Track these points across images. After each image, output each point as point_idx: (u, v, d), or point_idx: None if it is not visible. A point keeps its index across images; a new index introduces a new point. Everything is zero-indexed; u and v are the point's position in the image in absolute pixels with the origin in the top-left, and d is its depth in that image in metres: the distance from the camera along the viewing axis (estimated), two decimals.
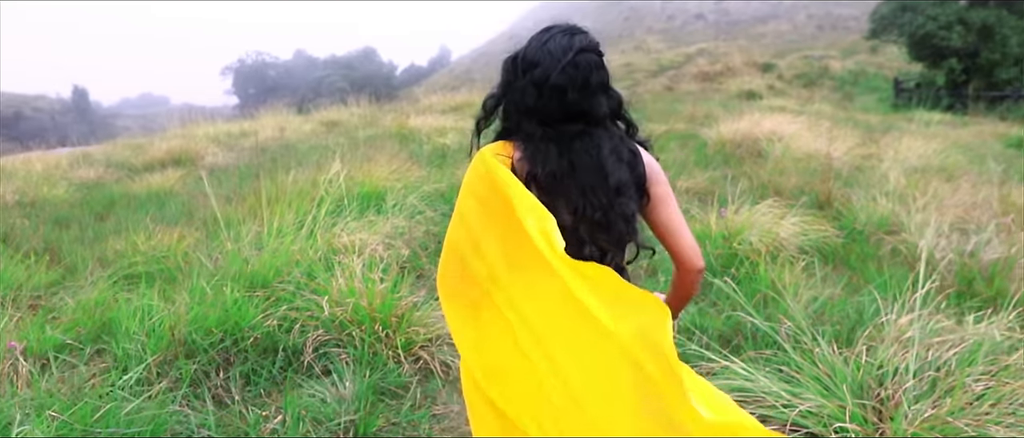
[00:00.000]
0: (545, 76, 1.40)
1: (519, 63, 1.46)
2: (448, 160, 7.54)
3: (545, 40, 1.44)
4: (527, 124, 1.44)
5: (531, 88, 1.42)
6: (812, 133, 8.19)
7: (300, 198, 5.18)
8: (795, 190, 5.98)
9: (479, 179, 1.45)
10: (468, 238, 1.46)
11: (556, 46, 1.42)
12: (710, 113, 12.50)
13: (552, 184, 1.42)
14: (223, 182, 7.53)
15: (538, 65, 1.42)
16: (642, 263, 4.31)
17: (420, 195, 5.30)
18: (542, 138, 1.42)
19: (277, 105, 20.94)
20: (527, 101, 1.43)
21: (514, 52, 1.49)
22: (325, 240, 3.98)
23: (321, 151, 9.36)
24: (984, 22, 18.57)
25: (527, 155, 1.43)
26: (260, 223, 4.82)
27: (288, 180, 5.98)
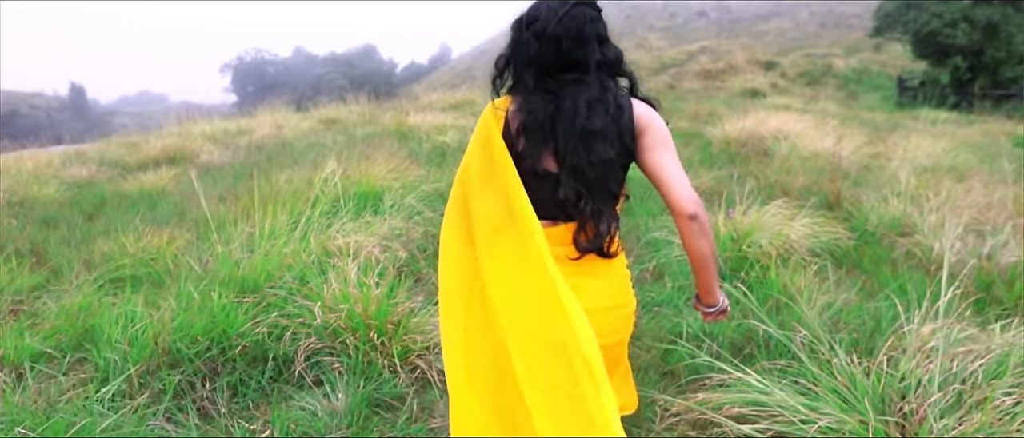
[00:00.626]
0: (544, 27, 1.51)
1: (523, 20, 1.57)
2: (448, 159, 7.40)
3: (537, 8, 1.56)
4: (526, 76, 1.55)
5: (532, 40, 1.53)
6: (818, 132, 8.04)
7: (295, 198, 5.05)
8: (803, 190, 5.83)
9: (483, 130, 1.61)
10: (471, 182, 1.61)
11: (555, 2, 1.53)
12: (714, 111, 12.36)
13: (533, 130, 1.51)
14: (217, 181, 7.39)
15: (538, 19, 1.53)
16: (648, 266, 4.18)
17: (418, 195, 5.16)
18: (535, 89, 1.53)
19: (276, 103, 20.84)
20: (529, 53, 1.53)
21: (522, 15, 1.59)
22: (319, 242, 3.83)
23: (318, 149, 9.22)
24: (989, 20, 18.41)
25: (520, 105, 1.55)
26: (253, 224, 4.69)
27: (282, 179, 5.85)
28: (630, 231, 4.90)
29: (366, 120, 12.93)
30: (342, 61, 70.28)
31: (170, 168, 8.80)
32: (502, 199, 1.53)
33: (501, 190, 1.53)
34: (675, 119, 11.23)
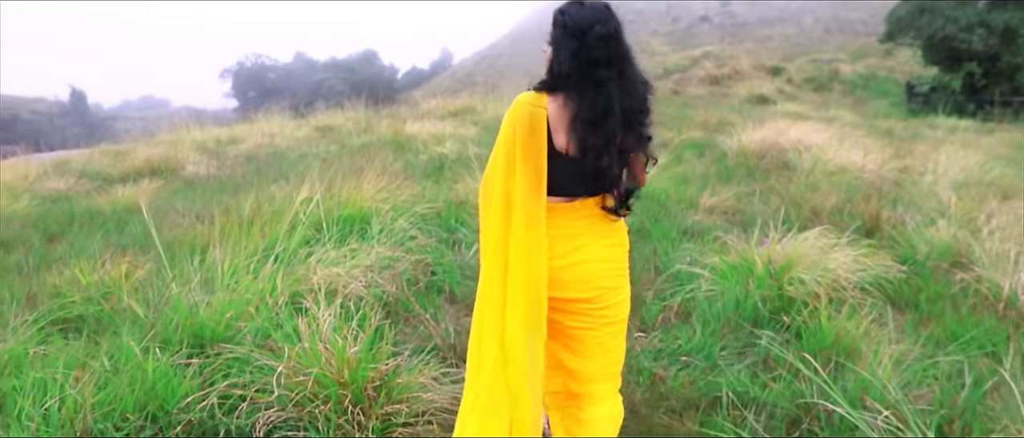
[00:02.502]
0: (594, 29, 1.74)
1: (571, 24, 1.75)
2: (445, 173, 6.88)
3: (583, 6, 1.78)
4: (583, 72, 1.75)
5: (593, 42, 1.74)
6: (840, 143, 7.51)
7: (273, 220, 4.54)
8: (835, 210, 5.31)
9: (528, 114, 1.81)
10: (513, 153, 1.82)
11: (593, 5, 1.78)
12: (724, 119, 11.84)
13: (591, 121, 1.75)
14: (198, 196, 6.88)
15: (587, 22, 1.75)
16: (672, 302, 3.65)
17: (411, 217, 4.64)
18: (589, 84, 1.75)
19: (275, 109, 20.48)
20: (586, 54, 1.74)
21: (562, 21, 1.78)
22: (293, 280, 3.31)
23: (309, 160, 8.71)
24: (1007, 24, 17.87)
25: (571, 100, 1.76)
26: (224, 250, 4.19)
27: (263, 198, 5.34)
28: (647, 258, 4.38)
29: (362, 128, 12.42)
30: (343, 66, 69.79)
31: (153, 180, 8.30)
32: (537, 179, 1.81)
33: (537, 171, 1.81)
34: (685, 128, 10.71)
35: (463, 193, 5.80)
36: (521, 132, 1.80)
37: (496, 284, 1.82)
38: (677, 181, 6.47)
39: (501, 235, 1.82)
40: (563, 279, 1.86)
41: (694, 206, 5.54)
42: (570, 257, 1.86)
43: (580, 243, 1.87)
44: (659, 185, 6.25)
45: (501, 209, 1.83)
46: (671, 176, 6.68)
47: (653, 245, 4.61)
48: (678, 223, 5.05)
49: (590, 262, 1.88)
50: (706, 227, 4.95)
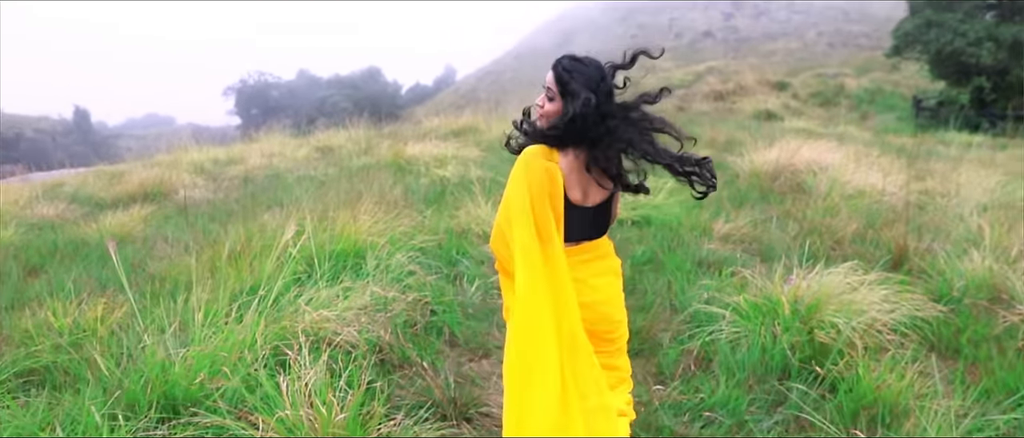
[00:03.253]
0: (607, 85, 1.95)
1: (583, 83, 1.91)
2: (447, 198, 6.62)
3: (583, 63, 1.97)
4: (600, 128, 1.90)
5: (605, 98, 1.94)
6: (856, 164, 7.23)
7: (264, 254, 4.28)
8: (856, 237, 5.03)
9: (544, 170, 1.88)
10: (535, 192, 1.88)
11: (595, 62, 1.99)
12: (732, 137, 11.58)
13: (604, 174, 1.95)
14: (191, 223, 6.62)
15: (602, 79, 1.94)
16: (691, 347, 3.37)
17: (410, 251, 4.37)
18: (602, 138, 1.91)
19: (277, 127, 20.41)
20: (604, 108, 1.92)
21: (570, 78, 1.92)
22: (275, 331, 3.03)
23: (307, 184, 8.47)
24: (1016, 38, 17.64)
25: (584, 156, 1.93)
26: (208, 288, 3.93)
27: (256, 227, 5.09)
28: (662, 294, 4.10)
29: (363, 149, 12.18)
30: (346, 83, 69.87)
31: (145, 205, 8.05)
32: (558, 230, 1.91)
33: (558, 223, 1.91)
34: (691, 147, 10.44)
35: (465, 221, 5.54)
36: (541, 193, 1.87)
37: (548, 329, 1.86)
38: (689, 206, 6.19)
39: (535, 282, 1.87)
40: (588, 318, 1.98)
41: (708, 234, 5.27)
42: (590, 296, 2.00)
43: (596, 283, 2.04)
44: (670, 211, 5.98)
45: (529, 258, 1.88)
46: (682, 201, 6.40)
47: (667, 278, 4.33)
48: (692, 253, 4.77)
49: (606, 301, 2.06)
50: (722, 258, 4.67)
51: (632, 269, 4.62)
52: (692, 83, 32.80)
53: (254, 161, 12.09)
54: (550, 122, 1.95)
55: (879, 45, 46.80)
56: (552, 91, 1.95)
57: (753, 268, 4.49)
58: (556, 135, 1.92)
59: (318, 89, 71.00)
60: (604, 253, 2.10)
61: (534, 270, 1.85)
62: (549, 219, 1.88)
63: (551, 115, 1.95)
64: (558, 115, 1.93)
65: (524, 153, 1.93)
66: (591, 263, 2.04)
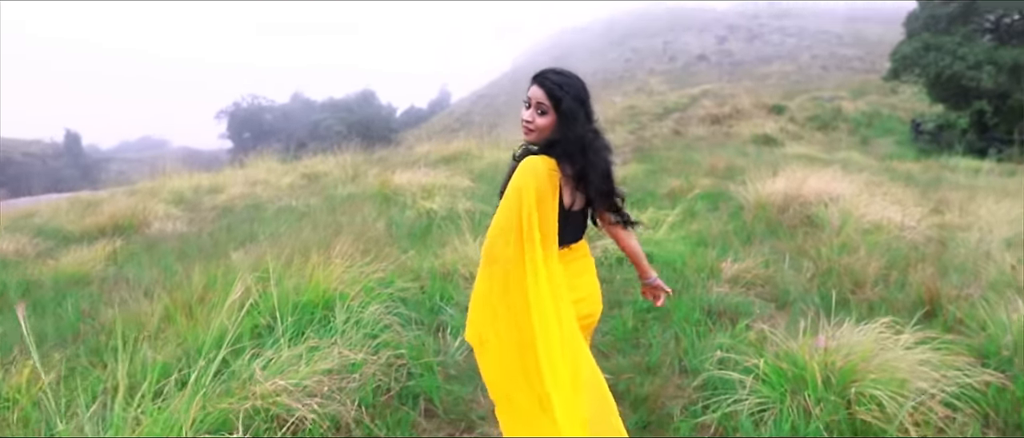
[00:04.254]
0: (586, 96, 2.08)
1: (576, 96, 2.04)
2: (433, 234, 6.17)
3: (569, 76, 2.07)
4: (587, 136, 2.05)
5: (588, 108, 2.08)
6: (870, 195, 6.82)
7: (223, 304, 3.81)
8: (879, 279, 4.59)
9: (548, 177, 2.02)
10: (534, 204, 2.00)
11: (577, 77, 2.09)
12: (733, 164, 11.19)
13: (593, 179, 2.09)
14: (157, 261, 6.15)
15: (584, 90, 2.07)
16: (707, 420, 2.90)
17: (387, 300, 3.90)
18: (588, 146, 2.05)
19: (267, 151, 20.13)
20: (590, 118, 2.09)
21: (563, 92, 2.02)
22: (216, 410, 2.56)
23: (289, 215, 8.02)
24: (1016, 61, 17.40)
25: (574, 163, 2.04)
26: (156, 345, 3.48)
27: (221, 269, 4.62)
28: (669, 349, 3.64)
29: (350, 176, 11.77)
30: (340, 106, 69.64)
31: (113, 239, 7.55)
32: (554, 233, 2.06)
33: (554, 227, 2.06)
34: (692, 174, 10.05)
35: (451, 261, 5.08)
36: (547, 197, 2.01)
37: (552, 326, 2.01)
38: (693, 242, 5.75)
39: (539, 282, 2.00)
40: (581, 311, 2.20)
41: (716, 275, 4.81)
42: (580, 292, 2.21)
43: (582, 280, 2.25)
44: (674, 248, 5.53)
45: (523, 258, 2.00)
46: (685, 236, 5.97)
47: (674, 331, 3.87)
48: (700, 299, 4.31)
49: (592, 295, 2.29)
50: (734, 304, 4.21)
51: (635, 318, 4.16)
52: (687, 106, 32.57)
53: (237, 189, 11.64)
54: (547, 135, 2.06)
55: (873, 68, 46.96)
56: (544, 105, 2.03)
57: (769, 318, 4.05)
58: (557, 147, 2.03)
59: (312, 112, 70.77)
60: (585, 253, 2.29)
61: (538, 270, 1.98)
62: (551, 222, 2.02)
63: (544, 128, 2.05)
64: (552, 127, 2.04)
65: (528, 160, 2.03)
66: (576, 262, 2.22)
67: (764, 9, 79.31)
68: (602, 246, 5.82)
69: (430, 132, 44.21)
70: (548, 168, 2.02)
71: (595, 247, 5.89)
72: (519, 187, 2.00)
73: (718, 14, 79.48)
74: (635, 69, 59.07)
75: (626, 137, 21.82)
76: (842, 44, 60.05)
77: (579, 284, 2.22)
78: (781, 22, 71.23)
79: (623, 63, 62.93)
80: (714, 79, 45.82)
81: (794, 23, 70.57)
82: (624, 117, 29.35)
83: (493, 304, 2.07)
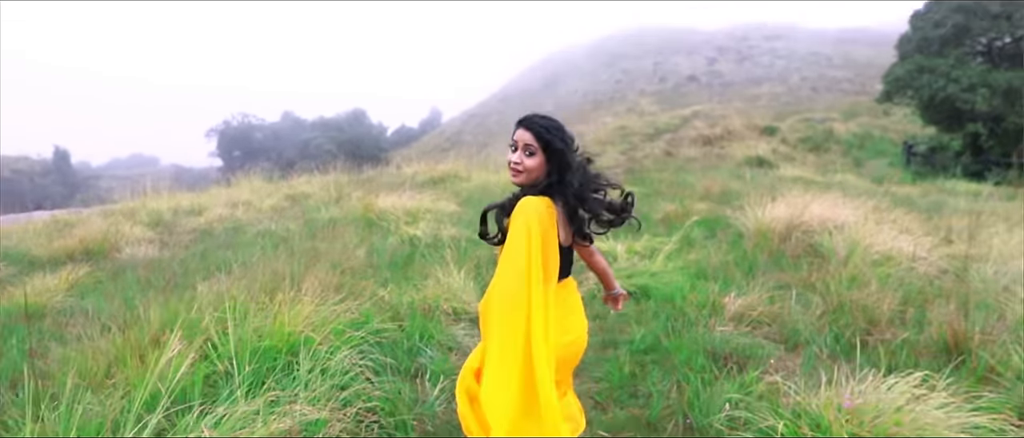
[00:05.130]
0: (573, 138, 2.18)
1: (564, 139, 2.12)
2: (415, 264, 5.80)
3: (553, 121, 2.14)
4: (575, 178, 2.13)
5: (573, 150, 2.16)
6: (876, 223, 6.51)
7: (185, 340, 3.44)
8: (894, 317, 4.26)
9: (549, 215, 2.07)
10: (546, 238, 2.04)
11: (558, 121, 2.16)
12: (728, 187, 10.91)
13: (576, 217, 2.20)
14: (122, 290, 5.76)
15: (569, 136, 2.15)
16: None
17: (360, 343, 3.53)
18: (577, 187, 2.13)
19: (256, 170, 19.84)
20: (576, 161, 2.15)
21: (550, 136, 2.10)
22: None
23: (266, 240, 7.64)
24: (1009, 84, 17.31)
25: (565, 203, 2.14)
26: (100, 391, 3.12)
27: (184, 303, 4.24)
28: (671, 399, 3.29)
29: (334, 198, 11.39)
30: (331, 125, 69.30)
31: (80, 265, 7.14)
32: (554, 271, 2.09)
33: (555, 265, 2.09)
34: (687, 198, 9.75)
35: (433, 294, 4.71)
36: (549, 234, 2.05)
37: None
38: (692, 274, 5.41)
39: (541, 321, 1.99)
40: (570, 353, 2.25)
41: (718, 312, 4.47)
42: (571, 334, 2.24)
43: (572, 320, 2.27)
44: (671, 280, 5.20)
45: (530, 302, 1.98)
46: (683, 266, 5.63)
47: (676, 377, 3.52)
48: (702, 340, 3.96)
49: (581, 336, 2.31)
50: (741, 347, 3.86)
51: (632, 361, 3.81)
52: (679, 127, 32.44)
53: (217, 211, 11.23)
54: (535, 176, 2.12)
55: (862, 90, 47.16)
56: (532, 147, 2.09)
57: (779, 361, 3.70)
58: (554, 187, 2.11)
59: (302, 131, 70.35)
60: (574, 289, 2.34)
61: (544, 309, 2.00)
62: (554, 260, 2.07)
63: (533, 169, 2.10)
64: (540, 168, 2.11)
65: (526, 201, 2.05)
66: (570, 298, 2.28)
67: (754, 31, 79.87)
68: (594, 278, 5.48)
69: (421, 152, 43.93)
70: (545, 206, 2.07)
71: (589, 278, 5.56)
72: (519, 227, 2.02)
73: (707, 36, 79.90)
74: (625, 90, 59.14)
75: (617, 158, 21.60)
76: (831, 66, 60.35)
77: (570, 325, 2.24)
78: (771, 44, 71.63)
79: (613, 84, 63.01)
80: (705, 100, 45.84)
81: (784, 45, 71.01)
82: (615, 138, 29.17)
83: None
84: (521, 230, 2.00)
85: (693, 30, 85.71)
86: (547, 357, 1.95)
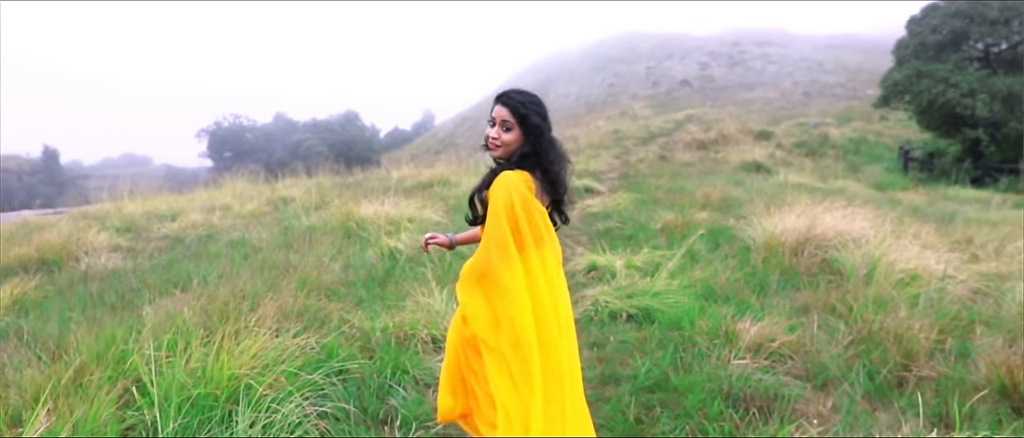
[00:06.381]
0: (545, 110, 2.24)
1: (542, 114, 2.21)
2: (393, 281, 5.27)
3: (530, 94, 2.23)
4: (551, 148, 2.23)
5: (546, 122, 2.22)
6: (895, 238, 6.01)
7: (101, 387, 2.91)
8: (935, 349, 3.75)
9: (527, 186, 2.15)
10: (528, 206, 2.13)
11: (539, 99, 2.25)
12: (728, 194, 10.43)
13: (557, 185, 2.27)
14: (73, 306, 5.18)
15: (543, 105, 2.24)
16: None
17: (315, 388, 2.99)
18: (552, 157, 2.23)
19: (244, 171, 19.39)
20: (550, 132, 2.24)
21: (527, 110, 2.18)
22: None
23: (236, 252, 7.08)
24: (1009, 90, 16.94)
25: (545, 171, 2.22)
26: None
27: (125, 329, 3.69)
28: None
29: (317, 203, 10.83)
30: (323, 127, 68.55)
31: (32, 277, 6.57)
32: (549, 232, 2.21)
33: (548, 227, 2.21)
34: (686, 206, 9.26)
35: (411, 319, 4.17)
36: (529, 202, 2.13)
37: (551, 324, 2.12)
38: (699, 294, 4.90)
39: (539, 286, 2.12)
40: None
41: (732, 340, 3.95)
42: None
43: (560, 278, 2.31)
44: (677, 301, 4.68)
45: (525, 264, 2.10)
46: (688, 285, 5.11)
47: (689, 426, 3.00)
48: (717, 376, 3.45)
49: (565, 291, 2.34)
50: (763, 388, 3.35)
51: (636, 401, 3.29)
52: (672, 131, 32.02)
53: (193, 217, 10.65)
54: (513, 149, 2.20)
55: (854, 95, 46.99)
56: (509, 122, 2.18)
57: (807, 403, 3.20)
58: (530, 159, 2.19)
59: (294, 133, 69.57)
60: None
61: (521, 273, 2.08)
62: (537, 222, 2.13)
63: (510, 143, 2.20)
64: (518, 142, 2.20)
65: (502, 176, 2.12)
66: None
67: (745, 36, 79.74)
68: (591, 297, 4.98)
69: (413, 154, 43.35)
70: (521, 178, 2.14)
71: (585, 297, 5.05)
72: (502, 200, 2.08)
73: (699, 41, 79.66)
74: (618, 94, 58.77)
75: (611, 162, 21.09)
76: (823, 71, 60.18)
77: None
78: (763, 49, 71.43)
79: (606, 88, 62.63)
80: (697, 104, 45.49)
81: (775, 50, 70.85)
82: (609, 141, 28.66)
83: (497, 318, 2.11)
84: (499, 202, 2.07)
85: (685, 35, 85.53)
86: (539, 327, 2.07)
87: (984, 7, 19.11)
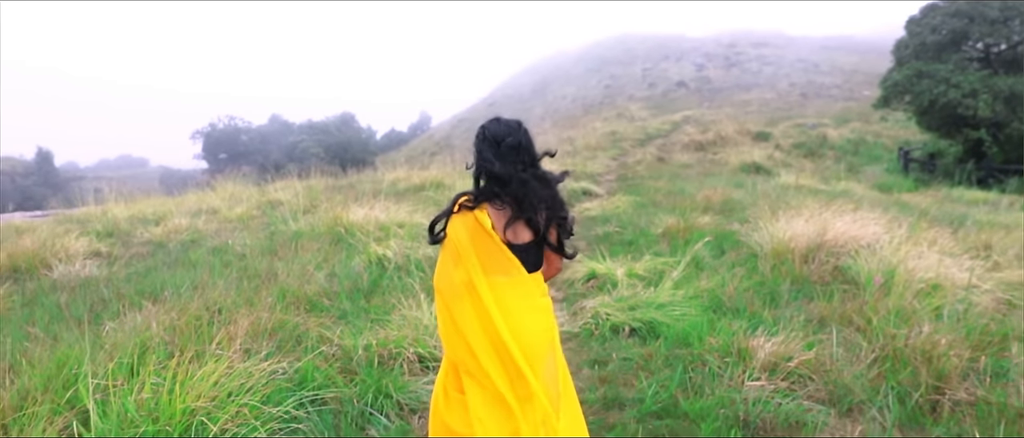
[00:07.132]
0: (513, 141, 2.20)
1: (491, 138, 2.20)
2: (380, 292, 4.94)
3: (499, 122, 2.26)
4: (515, 178, 2.17)
5: (507, 151, 2.19)
6: (913, 245, 5.70)
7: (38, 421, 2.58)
8: (967, 369, 3.44)
9: (473, 222, 2.17)
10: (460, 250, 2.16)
11: (504, 121, 2.26)
12: (730, 197, 10.13)
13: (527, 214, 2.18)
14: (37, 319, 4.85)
15: (506, 136, 2.20)
16: None
17: (283, 422, 2.66)
18: (517, 186, 2.16)
19: (238, 173, 19.12)
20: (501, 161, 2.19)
21: (482, 136, 2.24)
22: None
23: (218, 259, 6.74)
24: (1011, 90, 16.69)
25: (504, 203, 2.18)
26: None
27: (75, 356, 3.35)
28: None
29: (307, 207, 10.49)
30: (318, 129, 67.99)
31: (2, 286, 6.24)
32: (506, 264, 2.18)
33: (505, 259, 2.18)
34: (687, 209, 8.94)
35: (397, 335, 3.85)
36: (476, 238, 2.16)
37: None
38: (706, 306, 4.59)
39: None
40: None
41: (745, 358, 3.64)
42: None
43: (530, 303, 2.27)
44: (683, 313, 4.37)
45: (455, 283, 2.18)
46: (694, 296, 4.80)
47: None
48: (732, 401, 3.14)
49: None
50: (782, 414, 3.03)
51: (643, 429, 2.97)
52: (670, 132, 31.73)
53: (178, 221, 10.29)
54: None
55: (851, 96, 46.82)
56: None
57: (832, 430, 2.88)
58: (484, 191, 2.20)
59: (289, 134, 69.02)
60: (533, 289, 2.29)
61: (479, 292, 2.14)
62: (491, 255, 2.16)
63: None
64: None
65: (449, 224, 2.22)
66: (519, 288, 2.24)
67: (741, 38, 79.63)
68: (591, 309, 4.66)
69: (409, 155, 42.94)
70: (463, 221, 2.18)
71: (585, 309, 4.73)
72: (446, 245, 2.19)
73: (695, 42, 79.52)
74: (615, 95, 58.51)
75: (608, 163, 20.80)
76: (819, 72, 60.03)
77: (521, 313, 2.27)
78: (759, 51, 71.27)
79: (602, 89, 62.37)
80: (694, 105, 45.25)
81: (771, 52, 70.71)
82: (606, 143, 28.35)
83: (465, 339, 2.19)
84: (444, 247, 2.21)
85: (681, 37, 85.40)
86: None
87: (984, 7, 18.87)
